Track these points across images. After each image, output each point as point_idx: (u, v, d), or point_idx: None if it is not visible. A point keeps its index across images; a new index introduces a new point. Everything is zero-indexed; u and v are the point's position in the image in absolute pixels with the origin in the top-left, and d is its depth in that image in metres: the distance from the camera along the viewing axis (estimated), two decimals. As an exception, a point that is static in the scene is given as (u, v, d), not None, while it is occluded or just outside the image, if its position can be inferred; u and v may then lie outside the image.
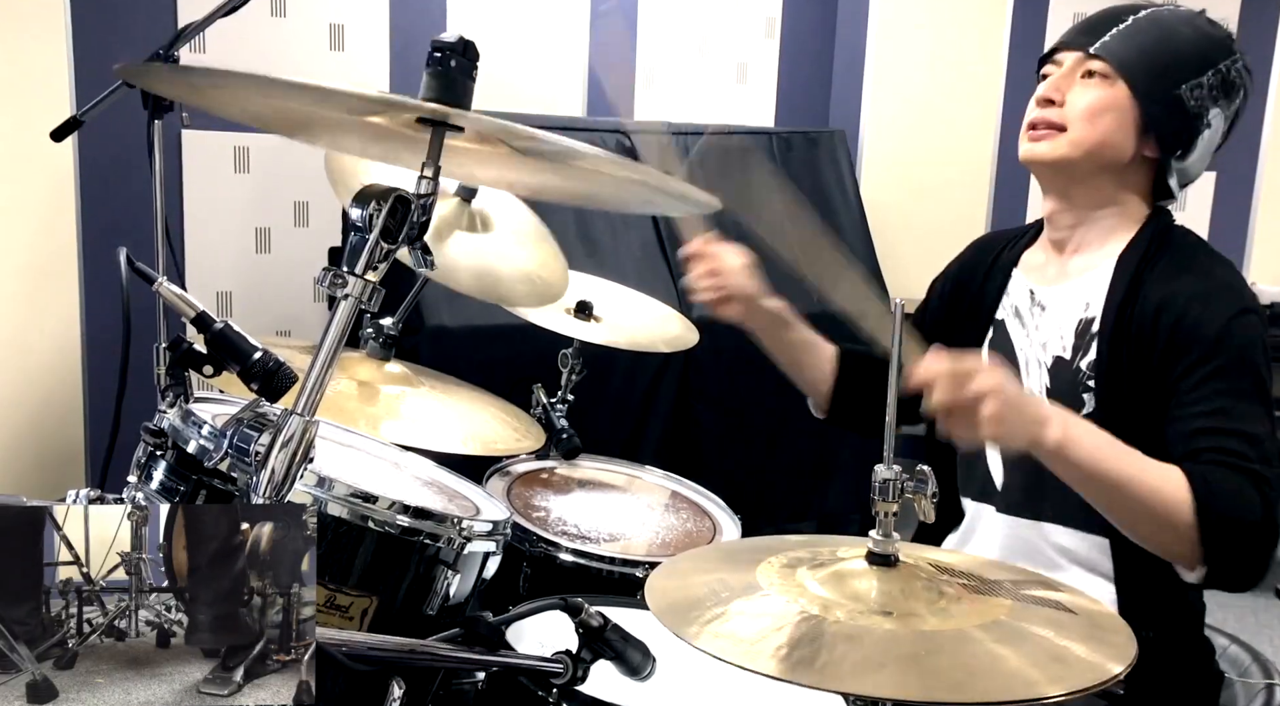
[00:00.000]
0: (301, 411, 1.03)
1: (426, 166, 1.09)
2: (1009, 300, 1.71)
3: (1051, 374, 1.61)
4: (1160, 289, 1.52)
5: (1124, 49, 1.56)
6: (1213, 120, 1.57)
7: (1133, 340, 1.52)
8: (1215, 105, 1.56)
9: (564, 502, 2.02)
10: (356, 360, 1.87)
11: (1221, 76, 1.55)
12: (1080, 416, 1.54)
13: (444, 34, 1.09)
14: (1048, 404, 1.40)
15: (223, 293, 3.48)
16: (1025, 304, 1.68)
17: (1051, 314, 1.63)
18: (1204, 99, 1.55)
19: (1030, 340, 1.65)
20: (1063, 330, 1.60)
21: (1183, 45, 1.56)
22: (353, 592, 1.32)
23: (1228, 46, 1.58)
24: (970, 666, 0.96)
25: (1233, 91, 1.57)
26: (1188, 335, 1.47)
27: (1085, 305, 1.59)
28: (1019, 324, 1.68)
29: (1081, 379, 1.57)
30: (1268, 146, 4.07)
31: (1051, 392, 1.60)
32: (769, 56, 4.28)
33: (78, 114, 2.21)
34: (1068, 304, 1.61)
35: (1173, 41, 1.56)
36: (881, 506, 1.09)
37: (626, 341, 2.20)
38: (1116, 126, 1.55)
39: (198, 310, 1.20)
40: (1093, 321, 1.57)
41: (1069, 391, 1.57)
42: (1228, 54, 1.57)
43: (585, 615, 1.16)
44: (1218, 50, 1.56)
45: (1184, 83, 1.54)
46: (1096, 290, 1.58)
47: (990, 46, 4.24)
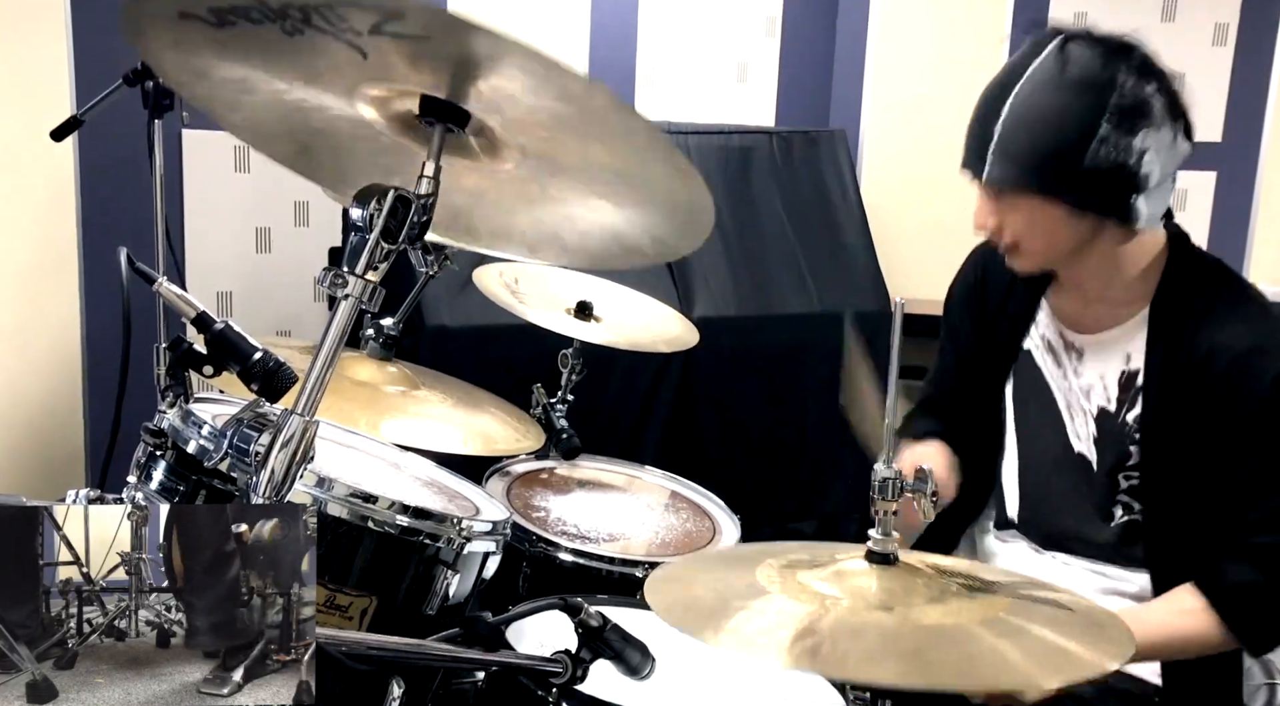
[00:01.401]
0: (301, 411, 1.03)
1: (427, 165, 1.09)
2: (1037, 332, 1.68)
3: (1098, 425, 1.59)
4: (1205, 338, 1.48)
5: (1006, 168, 1.45)
6: (1144, 144, 1.42)
7: (1177, 396, 1.50)
8: (1132, 135, 1.41)
9: (564, 502, 2.02)
10: (357, 360, 1.87)
11: (1120, 110, 1.40)
12: (1126, 466, 1.56)
13: (444, 34, 1.09)
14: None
15: (223, 293, 3.48)
16: (1058, 342, 1.65)
17: (1091, 363, 1.61)
18: (1116, 145, 1.40)
19: (1069, 383, 1.63)
20: (1106, 381, 1.58)
21: (1055, 119, 1.42)
22: (353, 592, 1.32)
23: (1105, 78, 1.41)
24: (972, 658, 0.97)
25: (1140, 110, 1.41)
26: (1231, 394, 1.45)
27: (1126, 357, 1.56)
28: (1053, 363, 1.66)
29: (1128, 432, 1.56)
30: (1268, 146, 4.07)
31: (1099, 442, 1.59)
32: (769, 56, 4.28)
33: (78, 114, 2.21)
34: (1108, 354, 1.59)
35: (1040, 124, 1.43)
36: (881, 506, 1.10)
37: (626, 341, 2.20)
38: (1056, 226, 1.48)
39: (198, 310, 1.20)
40: (1136, 374, 1.55)
41: (1115, 444, 1.57)
42: (1110, 86, 1.40)
43: (585, 615, 1.16)
44: (1097, 93, 1.41)
45: (1084, 152, 1.40)
46: (1136, 342, 1.55)
47: (990, 47, 4.23)
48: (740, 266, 3.50)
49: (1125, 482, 1.57)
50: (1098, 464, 1.59)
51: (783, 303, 3.52)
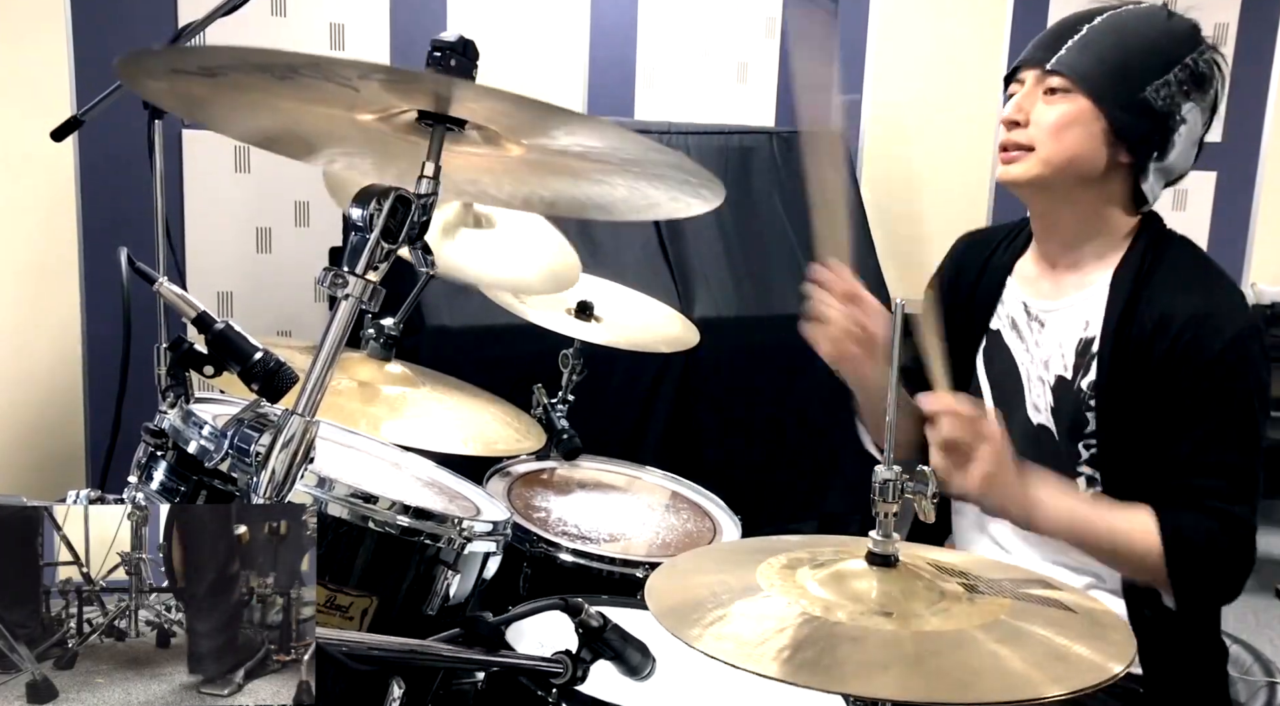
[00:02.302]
0: (302, 412, 1.03)
1: (427, 165, 1.09)
2: (1004, 309, 1.70)
3: (1055, 393, 1.60)
4: (1157, 306, 1.51)
5: (1081, 60, 1.53)
6: (1187, 115, 1.53)
7: (1131, 359, 1.52)
8: (1187, 100, 1.52)
9: (564, 503, 2.02)
10: (357, 360, 1.87)
11: (1190, 70, 1.52)
12: (1084, 434, 1.56)
13: (444, 33, 1.09)
14: (1039, 485, 1.45)
15: (223, 293, 3.48)
16: (1022, 318, 1.67)
17: (1051, 331, 1.62)
18: (1173, 97, 1.51)
19: (1031, 356, 1.64)
20: (1064, 349, 1.60)
21: (1143, 46, 1.53)
22: (353, 593, 1.32)
23: (1193, 39, 1.54)
24: (973, 667, 0.96)
25: (1204, 83, 1.53)
26: (1182, 358, 1.47)
27: (1084, 324, 1.58)
28: (1017, 337, 1.67)
29: (1084, 398, 1.56)
30: (1268, 146, 4.07)
31: (1056, 411, 1.60)
32: (769, 56, 4.27)
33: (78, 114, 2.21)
34: (1067, 322, 1.60)
35: (1132, 44, 1.53)
36: (882, 507, 1.09)
37: (627, 341, 2.20)
38: (1085, 139, 1.53)
39: (198, 310, 1.20)
40: (1092, 341, 1.56)
41: (1072, 411, 1.58)
42: (1193, 47, 1.53)
43: (585, 615, 1.16)
44: (1181, 45, 1.53)
45: (1149, 84, 1.50)
46: (1094, 308, 1.57)
47: (990, 46, 4.24)
48: (740, 266, 3.50)
49: (1085, 452, 1.57)
50: (1057, 433, 1.60)
51: (783, 303, 3.51)
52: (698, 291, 3.40)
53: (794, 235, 3.65)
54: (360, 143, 1.23)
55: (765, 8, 4.23)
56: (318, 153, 1.28)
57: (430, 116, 1.08)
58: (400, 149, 1.18)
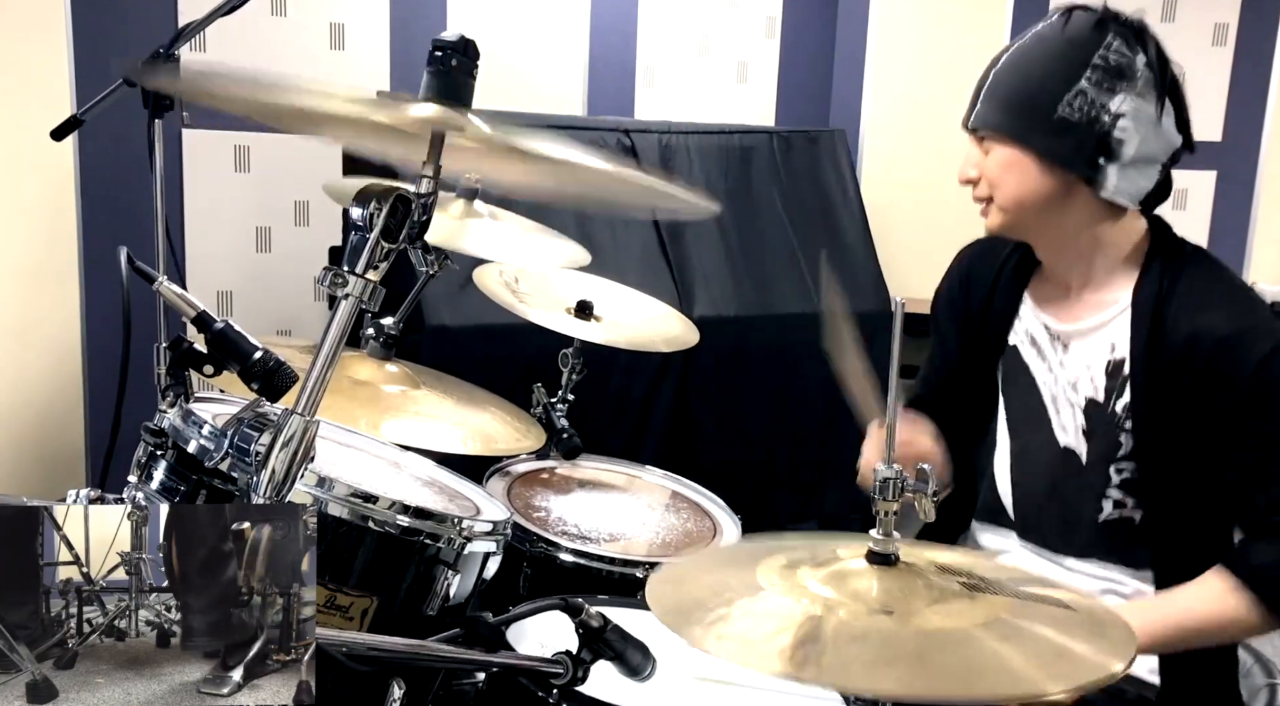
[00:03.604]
0: (302, 411, 1.03)
1: (427, 166, 1.09)
2: (1021, 326, 1.68)
3: (1087, 416, 1.59)
4: (1185, 324, 1.49)
5: (989, 110, 1.55)
6: (1120, 107, 1.47)
7: (1165, 380, 1.50)
8: (1113, 95, 1.47)
9: (564, 502, 2.02)
10: (357, 360, 1.87)
11: (1101, 68, 1.48)
12: (1118, 456, 1.56)
13: (444, 33, 1.09)
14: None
15: (223, 292, 3.48)
16: (1043, 337, 1.65)
17: (1076, 354, 1.61)
18: (1092, 101, 1.47)
19: (1055, 377, 1.63)
20: (1092, 372, 1.59)
21: (1043, 68, 1.51)
22: (353, 593, 1.32)
23: (1095, 34, 1.49)
24: (975, 664, 0.96)
25: (1123, 71, 1.48)
26: (1218, 379, 1.46)
27: (1111, 347, 1.57)
28: (1038, 357, 1.66)
29: (1118, 422, 1.56)
30: (1268, 146, 4.07)
31: (1088, 434, 1.59)
32: (769, 56, 4.27)
33: (78, 114, 2.21)
34: (1092, 345, 1.59)
35: (1032, 72, 1.52)
36: (882, 506, 1.09)
37: (626, 341, 2.20)
38: (1023, 177, 1.53)
39: (198, 310, 1.20)
40: (1122, 363, 1.55)
41: (1106, 433, 1.57)
42: (1097, 42, 1.48)
43: (585, 615, 1.16)
44: (1084, 47, 1.48)
45: (1059, 102, 1.48)
46: (1119, 330, 1.56)
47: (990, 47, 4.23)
48: (740, 266, 3.50)
49: (1117, 476, 1.56)
50: (1086, 456, 1.59)
51: (783, 303, 3.52)
52: (698, 291, 3.40)
53: (794, 235, 3.65)
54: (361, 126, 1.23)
55: (765, 8, 4.23)
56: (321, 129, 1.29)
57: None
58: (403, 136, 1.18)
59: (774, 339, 3.48)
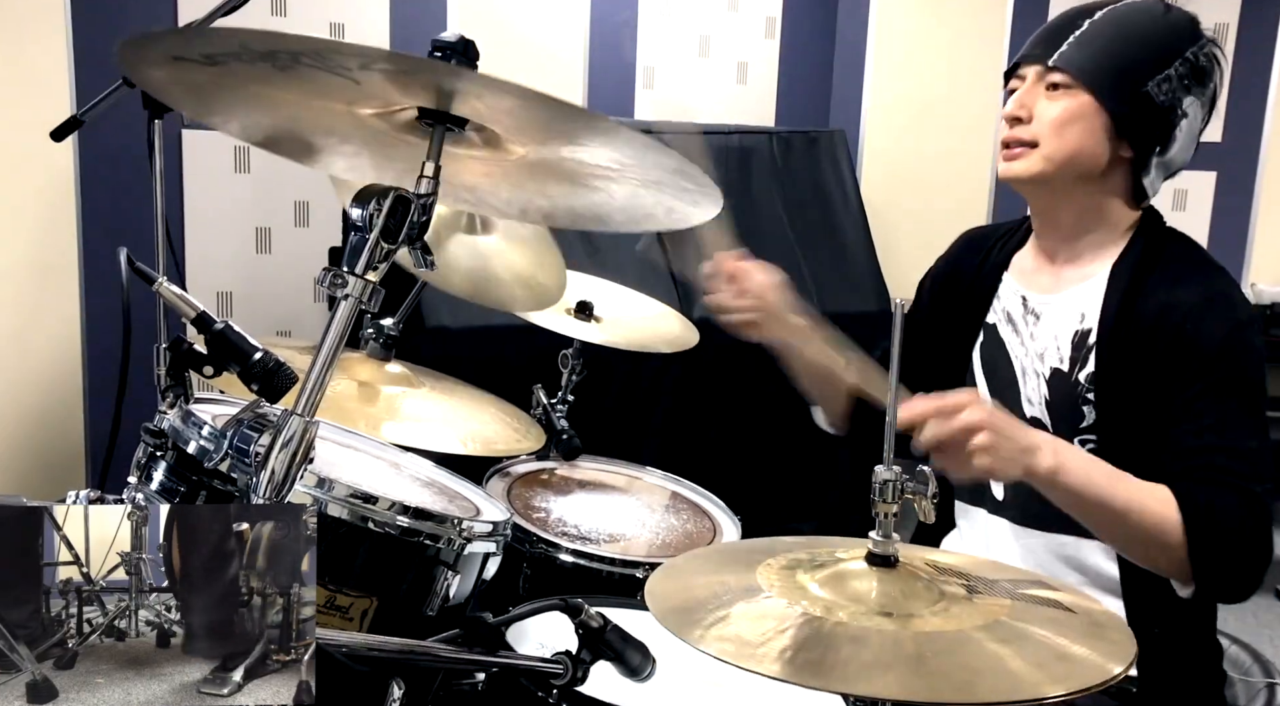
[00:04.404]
0: (301, 412, 1.03)
1: (427, 165, 1.09)
2: (1000, 304, 1.69)
3: (1050, 386, 1.60)
4: (1157, 299, 1.50)
5: (1082, 56, 1.53)
6: (1188, 109, 1.53)
7: (1130, 352, 1.51)
8: (1188, 94, 1.52)
9: (564, 503, 2.02)
10: (357, 360, 1.87)
11: (1190, 64, 1.52)
12: (1080, 428, 1.56)
13: (444, 33, 1.09)
14: (1036, 431, 1.40)
15: (223, 293, 3.48)
16: (1018, 311, 1.67)
17: (1046, 324, 1.62)
18: (1174, 91, 1.51)
19: (1026, 349, 1.64)
20: (1059, 341, 1.59)
21: (1144, 40, 1.53)
22: (353, 593, 1.32)
23: (1193, 32, 1.54)
24: (974, 667, 0.96)
25: (1204, 76, 1.54)
26: (1185, 348, 1.46)
27: (1081, 316, 1.58)
28: (1012, 330, 1.67)
29: (1080, 391, 1.56)
30: (1268, 146, 4.07)
31: (1051, 404, 1.59)
32: (769, 56, 4.28)
33: (78, 114, 2.21)
34: (1063, 314, 1.60)
35: (1132, 38, 1.53)
36: (881, 507, 1.09)
37: (626, 341, 2.20)
38: (1087, 135, 1.53)
39: (198, 310, 1.20)
40: (1089, 333, 1.56)
41: (1068, 403, 1.57)
42: (1193, 40, 1.53)
43: (585, 616, 1.16)
44: (1182, 39, 1.53)
45: (1150, 79, 1.51)
46: (1091, 301, 1.57)
47: (990, 46, 4.24)
48: (740, 267, 3.50)
49: (1082, 446, 1.55)
50: (1052, 427, 1.58)
51: (782, 303, 3.51)
52: (698, 291, 3.40)
53: (794, 235, 3.65)
54: (361, 144, 1.22)
55: (765, 8, 4.23)
56: (318, 154, 1.28)
57: (430, 114, 1.08)
58: (400, 151, 1.18)
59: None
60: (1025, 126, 1.56)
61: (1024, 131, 1.56)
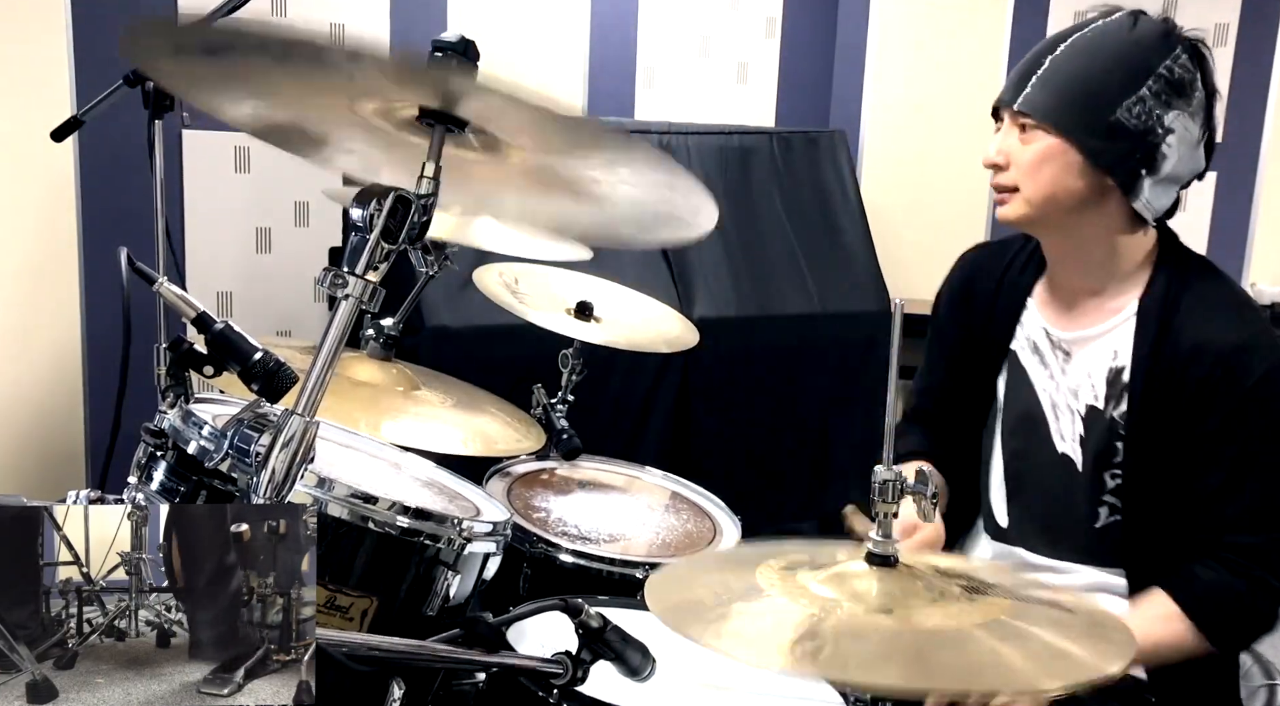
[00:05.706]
0: (302, 412, 1.03)
1: (427, 165, 1.09)
2: (1023, 332, 1.67)
3: (1086, 423, 1.59)
4: (1190, 336, 1.48)
5: (1044, 97, 1.49)
6: (1172, 124, 1.47)
7: (1164, 390, 1.50)
8: (1169, 109, 1.46)
9: (564, 503, 2.02)
10: (357, 360, 1.87)
11: (1165, 79, 1.46)
12: (1112, 464, 1.56)
13: (445, 33, 1.09)
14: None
15: (223, 293, 3.48)
16: (1044, 343, 1.64)
17: (1078, 361, 1.60)
18: (1150, 111, 1.45)
19: (1056, 384, 1.62)
20: (1093, 379, 1.58)
21: (1108, 67, 1.47)
22: (353, 593, 1.32)
23: (1164, 44, 1.47)
24: (973, 663, 0.97)
25: (1183, 88, 1.47)
26: (1219, 388, 1.45)
27: (1113, 353, 1.56)
28: (1038, 363, 1.65)
29: (1115, 429, 1.55)
30: (1268, 146, 4.07)
31: (1085, 441, 1.58)
32: (769, 56, 4.28)
33: (78, 114, 2.21)
34: (1096, 352, 1.58)
35: (1095, 68, 1.48)
36: (881, 507, 1.09)
37: (626, 341, 2.20)
38: (1062, 173, 1.49)
39: (198, 310, 1.20)
40: (1122, 371, 1.55)
41: (1102, 441, 1.56)
42: (1165, 53, 1.47)
43: (585, 616, 1.16)
44: (1151, 55, 1.47)
45: (1119, 106, 1.45)
46: (1123, 338, 1.55)
47: (990, 47, 4.23)
48: (740, 266, 3.50)
49: (1111, 482, 1.56)
50: (1082, 464, 1.58)
51: (783, 303, 3.52)
52: (698, 291, 3.40)
53: (794, 235, 3.65)
54: (362, 139, 1.22)
55: (765, 8, 4.23)
56: (320, 147, 1.28)
57: (431, 114, 1.08)
58: (403, 151, 1.18)
59: (774, 339, 3.48)
60: (1005, 172, 1.55)
61: (1005, 178, 1.55)
